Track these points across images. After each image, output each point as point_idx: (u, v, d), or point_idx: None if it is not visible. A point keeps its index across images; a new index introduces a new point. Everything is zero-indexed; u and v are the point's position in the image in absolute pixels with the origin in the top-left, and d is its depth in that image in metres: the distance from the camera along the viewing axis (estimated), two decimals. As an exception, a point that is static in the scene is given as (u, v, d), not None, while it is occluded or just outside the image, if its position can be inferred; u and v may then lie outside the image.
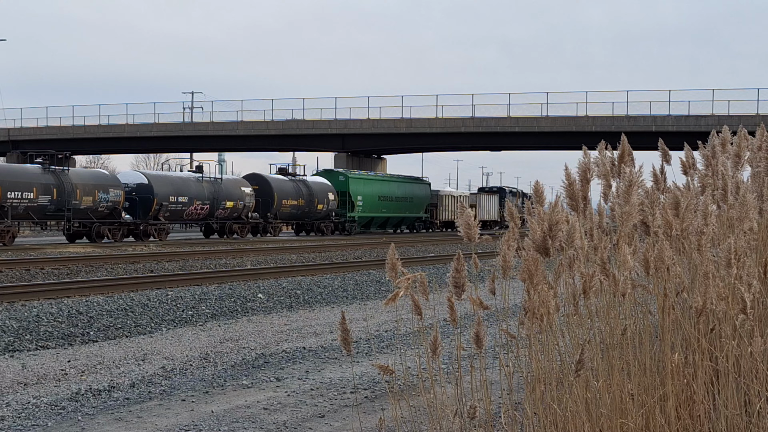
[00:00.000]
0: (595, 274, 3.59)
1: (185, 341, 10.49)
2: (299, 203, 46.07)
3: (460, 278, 3.41)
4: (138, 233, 36.40)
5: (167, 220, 38.23)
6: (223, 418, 6.42)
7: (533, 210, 3.76)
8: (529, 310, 3.50)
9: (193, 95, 73.42)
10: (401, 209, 56.22)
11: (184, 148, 68.51)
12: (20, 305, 12.81)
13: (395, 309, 3.77)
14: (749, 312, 3.43)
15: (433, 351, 3.46)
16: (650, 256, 3.60)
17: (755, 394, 3.57)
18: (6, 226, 30.46)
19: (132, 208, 36.62)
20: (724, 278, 3.68)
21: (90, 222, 34.15)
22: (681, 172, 4.97)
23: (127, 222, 36.27)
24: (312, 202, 46.77)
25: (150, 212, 36.75)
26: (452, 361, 8.10)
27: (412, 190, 57.94)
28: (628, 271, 3.63)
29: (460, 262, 3.41)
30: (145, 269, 21.13)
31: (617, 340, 3.75)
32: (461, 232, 3.57)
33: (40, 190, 31.70)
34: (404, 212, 56.70)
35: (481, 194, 70.17)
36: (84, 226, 34.08)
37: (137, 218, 36.65)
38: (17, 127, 65.10)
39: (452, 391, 3.91)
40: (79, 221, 33.68)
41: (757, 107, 48.75)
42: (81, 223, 33.84)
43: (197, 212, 39.60)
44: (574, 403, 3.62)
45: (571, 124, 53.23)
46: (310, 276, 19.27)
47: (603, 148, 3.91)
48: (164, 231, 38.31)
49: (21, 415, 6.63)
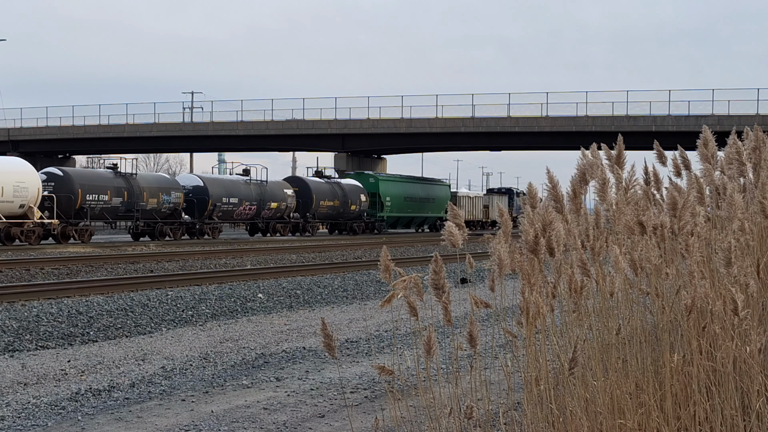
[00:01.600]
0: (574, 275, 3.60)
1: (185, 341, 10.49)
2: (335, 204, 49.19)
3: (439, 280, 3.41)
4: (194, 232, 39.93)
5: (220, 220, 41.50)
6: (223, 418, 6.42)
7: (525, 211, 3.76)
8: (525, 311, 3.50)
9: (193, 95, 73.46)
10: (424, 209, 58.70)
11: (184, 148, 68.57)
12: (20, 305, 12.82)
13: (395, 309, 3.77)
14: (741, 313, 3.44)
15: (427, 351, 3.47)
16: (636, 256, 3.61)
17: (754, 394, 3.58)
18: (85, 226, 34.19)
19: (189, 208, 39.96)
20: (713, 278, 3.69)
21: (154, 222, 37.60)
22: (674, 174, 4.96)
23: (186, 221, 39.76)
24: (346, 203, 49.92)
25: (205, 212, 40.12)
26: (452, 361, 8.10)
27: (434, 191, 60.61)
28: (620, 271, 3.64)
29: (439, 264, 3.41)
30: (145, 269, 21.13)
31: (612, 339, 3.75)
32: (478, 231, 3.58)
33: (113, 193, 35.27)
34: (427, 212, 59.26)
35: (492, 195, 72.28)
36: (148, 226, 37.49)
37: (194, 218, 40.08)
38: (17, 127, 65.10)
39: (452, 391, 3.91)
40: (144, 221, 37.13)
41: (757, 107, 48.79)
42: (146, 222, 37.29)
43: (246, 212, 42.93)
44: (573, 403, 3.62)
45: (571, 124, 53.24)
46: (310, 276, 19.28)
47: (596, 149, 3.90)
48: (218, 230, 41.74)
49: (21, 415, 6.64)
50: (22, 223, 30.98)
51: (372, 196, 52.84)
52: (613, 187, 3.83)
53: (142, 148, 69.54)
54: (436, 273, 3.38)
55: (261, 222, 44.50)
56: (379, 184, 53.77)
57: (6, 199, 29.96)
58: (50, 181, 33.44)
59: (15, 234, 30.79)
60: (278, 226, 45.65)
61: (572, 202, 3.84)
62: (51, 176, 33.90)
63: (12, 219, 30.48)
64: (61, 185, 33.49)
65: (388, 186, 54.92)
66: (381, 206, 53.55)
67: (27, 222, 31.03)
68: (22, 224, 31.01)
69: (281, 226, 45.87)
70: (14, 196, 30.22)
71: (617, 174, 3.93)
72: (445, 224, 3.57)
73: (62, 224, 32.79)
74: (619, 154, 3.99)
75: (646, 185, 4.51)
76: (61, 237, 32.83)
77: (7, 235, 30.57)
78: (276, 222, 45.43)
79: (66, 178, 33.93)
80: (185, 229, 39.52)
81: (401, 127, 57.59)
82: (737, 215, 3.77)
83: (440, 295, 3.42)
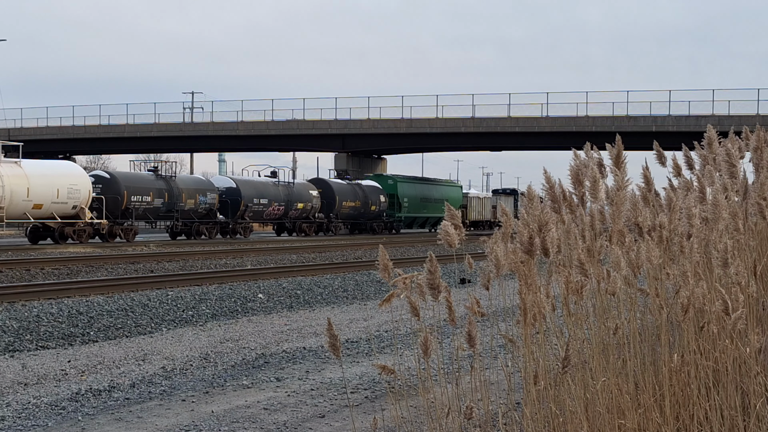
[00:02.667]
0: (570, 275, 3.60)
1: (185, 341, 10.49)
2: (356, 204, 51.77)
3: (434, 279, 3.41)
4: (228, 231, 42.39)
5: (251, 219, 44.08)
6: (224, 418, 6.42)
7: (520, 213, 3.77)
8: (523, 312, 3.50)
9: (193, 95, 73.36)
10: (439, 210, 60.34)
11: (184, 148, 68.54)
12: (20, 305, 12.82)
13: (395, 309, 3.77)
14: (736, 313, 3.44)
15: (424, 352, 3.47)
16: (633, 256, 3.61)
17: (753, 394, 3.58)
18: (129, 225, 36.61)
19: (223, 208, 42.42)
20: (709, 278, 3.70)
21: (191, 221, 40.13)
22: (673, 175, 4.96)
23: (221, 221, 42.10)
24: (366, 204, 52.51)
25: (238, 212, 42.51)
26: (453, 361, 8.10)
27: (448, 192, 62.78)
28: (620, 271, 3.64)
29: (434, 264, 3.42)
30: (146, 269, 21.13)
31: (610, 339, 3.76)
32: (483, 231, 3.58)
33: (155, 194, 37.78)
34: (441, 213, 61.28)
35: (499, 196, 74.03)
36: (186, 225, 39.95)
37: (228, 218, 42.43)
38: (17, 127, 65.05)
39: (452, 391, 3.92)
40: (183, 221, 39.67)
41: (757, 107, 48.77)
42: (184, 222, 39.77)
43: (275, 212, 45.49)
44: (572, 403, 3.62)
45: (571, 124, 53.22)
46: (311, 276, 19.28)
47: (589, 149, 3.91)
48: (249, 229, 44.25)
49: (21, 415, 6.64)
50: (74, 222, 33.23)
51: (390, 197, 55.24)
52: (604, 187, 3.83)
53: (142, 148, 69.48)
54: (431, 273, 3.38)
55: (288, 222, 46.94)
56: (398, 186, 56.23)
57: (61, 200, 32.32)
58: (97, 183, 35.48)
59: (68, 233, 32.99)
60: (304, 225, 47.96)
61: (566, 202, 3.85)
62: (98, 179, 36.10)
63: (65, 219, 32.74)
64: (107, 187, 35.60)
65: (406, 187, 57.43)
66: (399, 206, 56.05)
67: (78, 222, 33.33)
68: (74, 224, 33.24)
69: (307, 225, 48.19)
70: (68, 197, 32.57)
71: (615, 174, 3.93)
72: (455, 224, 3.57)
73: (110, 224, 35.12)
74: (618, 154, 3.99)
75: (645, 185, 4.51)
76: (109, 236, 35.06)
77: (61, 234, 32.77)
78: (302, 222, 47.81)
79: (113, 181, 36.18)
80: (219, 229, 41.97)
81: (401, 127, 57.58)
82: (722, 215, 3.77)
83: (435, 295, 3.42)
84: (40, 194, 31.57)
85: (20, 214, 31.18)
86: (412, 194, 57.84)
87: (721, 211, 3.74)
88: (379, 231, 54.23)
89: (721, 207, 3.75)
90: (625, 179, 3.81)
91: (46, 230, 33.16)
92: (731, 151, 4.34)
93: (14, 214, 30.87)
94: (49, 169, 33.37)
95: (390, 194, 55.38)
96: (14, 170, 30.95)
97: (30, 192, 31.12)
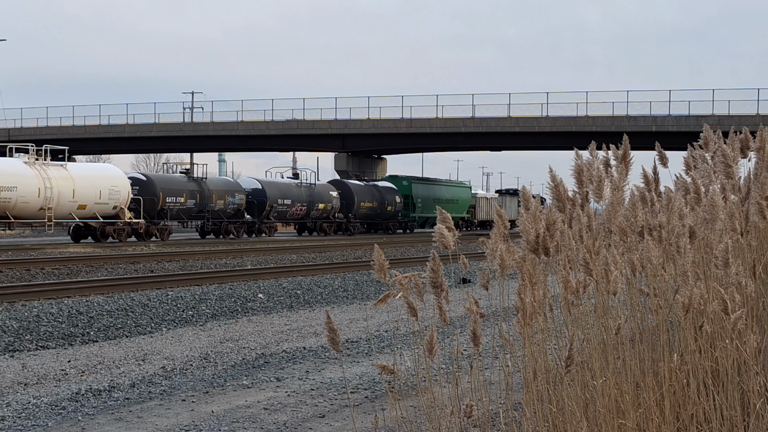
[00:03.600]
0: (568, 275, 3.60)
1: (185, 341, 10.49)
2: (373, 205, 53.74)
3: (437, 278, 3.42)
4: (254, 230, 44.79)
5: (275, 219, 46.47)
6: (224, 418, 6.42)
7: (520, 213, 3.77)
8: (521, 312, 3.50)
9: (193, 95, 73.32)
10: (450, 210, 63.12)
11: (184, 148, 68.45)
12: (20, 305, 12.82)
13: (395, 309, 3.77)
14: (735, 313, 3.44)
15: (429, 351, 3.46)
16: (633, 257, 3.61)
17: (753, 393, 3.58)
18: (164, 225, 38.83)
19: (249, 209, 44.65)
20: (709, 278, 3.69)
21: (220, 221, 42.38)
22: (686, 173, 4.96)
23: (248, 221, 44.39)
24: (383, 204, 54.57)
25: (263, 212, 44.76)
26: (453, 361, 8.10)
27: (458, 193, 65.08)
28: (619, 269, 3.64)
29: (436, 263, 3.42)
30: (146, 269, 21.13)
31: (609, 339, 3.75)
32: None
33: (188, 196, 39.97)
34: (452, 213, 63.01)
35: (505, 196, 75.67)
36: (215, 225, 42.21)
37: (254, 218, 44.85)
38: (17, 127, 65.04)
39: (452, 391, 3.91)
40: (213, 221, 41.90)
41: (757, 107, 48.72)
42: (213, 222, 41.97)
43: (297, 213, 47.69)
44: (571, 403, 3.62)
45: (572, 124, 53.19)
46: (311, 276, 19.28)
47: (594, 148, 3.91)
48: (273, 228, 46.62)
49: (21, 415, 6.64)
50: (114, 222, 35.32)
51: (405, 197, 57.11)
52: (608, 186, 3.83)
53: (142, 148, 69.56)
54: (434, 271, 3.38)
55: (310, 221, 49.08)
56: (412, 187, 58.19)
57: (103, 201, 34.46)
58: (134, 185, 37.06)
59: (109, 232, 35.08)
60: (324, 225, 50.04)
61: (566, 202, 3.85)
62: (135, 180, 37.70)
63: (106, 219, 34.87)
64: (144, 189, 37.47)
65: (419, 188, 59.40)
66: (413, 207, 57.85)
67: (118, 222, 35.41)
68: (114, 223, 35.32)
69: (327, 225, 50.29)
70: (109, 198, 34.71)
71: (620, 173, 3.93)
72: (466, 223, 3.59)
73: (147, 224, 37.07)
74: (625, 153, 3.99)
75: (645, 185, 4.51)
76: (145, 235, 36.87)
77: (102, 233, 34.85)
78: (323, 222, 49.89)
79: (149, 183, 38.19)
80: (246, 228, 44.11)
81: (402, 127, 57.56)
82: (720, 216, 3.77)
83: (439, 293, 3.42)
84: (85, 195, 33.63)
85: (66, 214, 33.26)
86: (425, 195, 59.52)
87: (718, 211, 3.75)
88: (394, 231, 56.32)
89: (718, 208, 3.76)
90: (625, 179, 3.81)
91: (87, 229, 35.03)
92: (727, 152, 4.34)
93: (61, 214, 32.93)
94: (92, 171, 35.79)
95: (405, 195, 57.22)
96: (61, 173, 33.04)
97: (75, 193, 33.23)
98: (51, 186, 32.16)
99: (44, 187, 31.92)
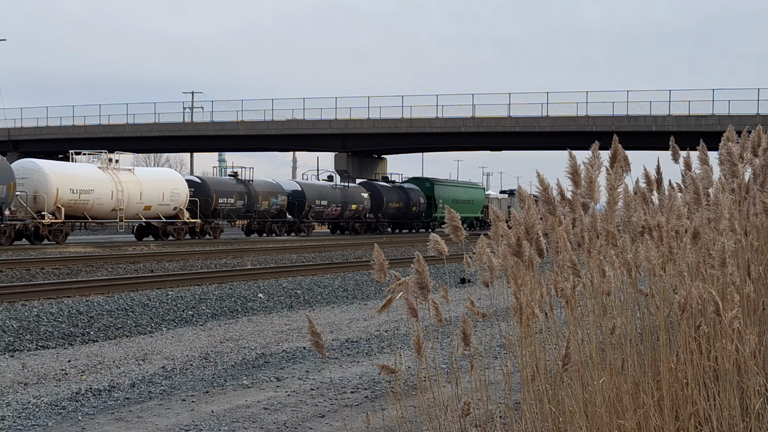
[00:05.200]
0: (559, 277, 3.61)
1: (185, 341, 10.49)
2: (399, 206, 56.68)
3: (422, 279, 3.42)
4: (293, 229, 48.04)
5: (313, 219, 49.45)
6: (224, 418, 6.42)
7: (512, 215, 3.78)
8: (518, 313, 3.50)
9: (193, 95, 73.40)
10: (467, 210, 64.64)
11: (184, 148, 68.53)
12: (20, 305, 12.82)
13: (395, 309, 3.77)
14: (731, 313, 3.43)
15: (417, 351, 3.47)
16: (629, 257, 3.60)
17: (753, 393, 3.58)
18: (216, 224, 41.97)
19: (290, 209, 47.85)
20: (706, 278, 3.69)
21: (265, 220, 46.05)
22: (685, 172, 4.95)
23: (290, 220, 47.71)
24: (408, 205, 57.45)
25: (303, 212, 47.85)
26: (453, 361, 8.10)
27: (474, 194, 68.11)
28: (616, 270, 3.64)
29: (421, 264, 3.43)
30: (146, 269, 21.13)
31: (607, 339, 3.75)
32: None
33: (237, 197, 43.22)
34: (469, 213, 65.51)
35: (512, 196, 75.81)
36: (260, 224, 45.87)
37: (295, 217, 47.93)
38: (17, 127, 65.06)
39: (452, 391, 3.92)
40: (258, 220, 45.53)
41: (757, 107, 48.68)
42: (259, 222, 45.59)
43: (333, 213, 50.59)
44: (571, 403, 3.62)
45: (572, 124, 53.21)
46: (311, 276, 19.28)
47: (596, 149, 3.91)
48: (311, 227, 49.71)
49: (21, 415, 6.64)
50: (174, 222, 38.79)
51: (428, 198, 59.75)
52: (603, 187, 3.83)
53: (142, 148, 69.49)
54: (419, 273, 3.40)
55: (343, 221, 52.03)
56: (434, 188, 61.09)
57: (165, 202, 38.20)
58: (191, 187, 40.24)
59: (169, 231, 38.54)
60: (356, 225, 53.19)
61: (565, 202, 3.85)
62: (191, 183, 40.92)
63: (167, 219, 38.41)
64: (199, 191, 40.67)
65: (441, 189, 62.12)
66: (435, 207, 60.04)
67: (177, 221, 38.90)
68: (173, 223, 38.80)
69: (358, 225, 53.41)
70: (170, 200, 38.42)
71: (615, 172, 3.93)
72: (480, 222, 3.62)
73: (202, 223, 40.47)
74: (615, 153, 3.99)
75: (647, 185, 4.51)
76: (200, 233, 40.42)
77: (164, 232, 38.32)
78: (354, 222, 52.94)
79: (204, 185, 41.52)
80: (287, 227, 47.47)
81: (402, 127, 57.57)
82: (724, 215, 3.77)
83: (425, 294, 3.43)
84: (150, 197, 37.27)
85: (134, 214, 37.01)
86: (446, 196, 61.80)
87: (722, 210, 3.74)
88: (417, 229, 59.52)
89: (722, 207, 3.75)
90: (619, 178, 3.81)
91: (148, 228, 38.42)
92: (732, 151, 4.34)
93: (130, 214, 36.71)
94: (156, 175, 39.81)
95: (428, 196, 59.78)
96: (130, 177, 36.95)
97: (142, 195, 36.90)
98: (122, 189, 35.72)
99: (116, 190, 35.44)
